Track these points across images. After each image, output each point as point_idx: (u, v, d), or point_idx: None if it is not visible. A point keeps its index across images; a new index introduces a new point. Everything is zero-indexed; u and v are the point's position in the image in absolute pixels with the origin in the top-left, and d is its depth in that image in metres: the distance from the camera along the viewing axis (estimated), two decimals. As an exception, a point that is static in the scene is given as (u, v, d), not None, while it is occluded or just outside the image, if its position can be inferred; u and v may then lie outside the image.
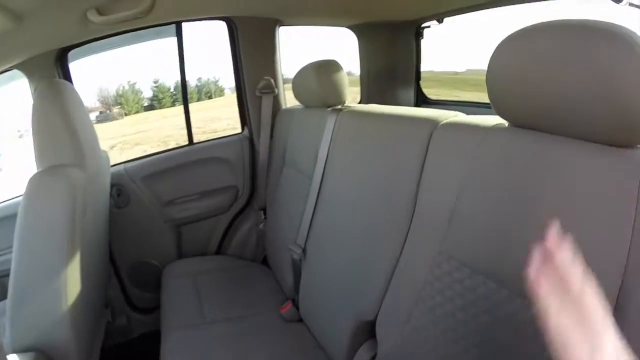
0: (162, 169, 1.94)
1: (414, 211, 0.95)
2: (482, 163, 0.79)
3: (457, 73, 2.97)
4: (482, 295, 0.75)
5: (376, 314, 1.03)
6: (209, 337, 1.39)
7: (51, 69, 1.66)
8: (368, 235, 1.10)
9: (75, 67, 1.77)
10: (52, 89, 1.21)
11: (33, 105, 1.18)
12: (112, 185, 1.80)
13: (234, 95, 2.11)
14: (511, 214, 0.72)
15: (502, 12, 1.90)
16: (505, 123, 0.82)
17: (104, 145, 1.66)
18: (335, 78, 1.46)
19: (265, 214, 2.00)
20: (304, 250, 1.42)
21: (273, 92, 1.97)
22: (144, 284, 2.00)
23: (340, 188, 1.28)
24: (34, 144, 1.18)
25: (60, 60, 1.70)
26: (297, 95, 1.69)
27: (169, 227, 1.98)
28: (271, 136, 1.99)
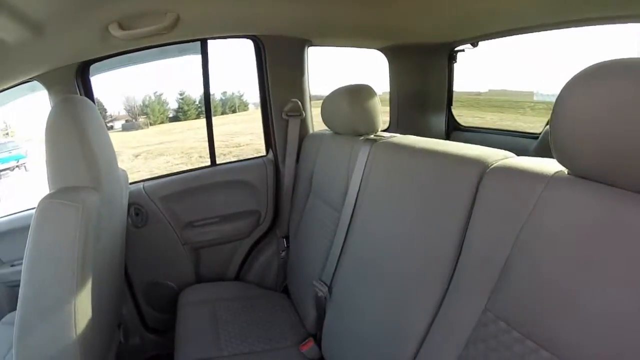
0: (182, 189, 1.89)
1: (457, 259, 0.86)
2: (544, 217, 0.69)
3: (479, 94, 2.88)
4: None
5: None
6: None
7: (71, 83, 1.63)
8: (404, 279, 1.00)
9: (101, 76, 1.74)
10: (69, 105, 1.14)
11: (47, 121, 1.12)
12: (130, 205, 1.75)
13: (258, 111, 2.06)
14: (575, 279, 0.63)
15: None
16: (564, 170, 0.72)
17: (128, 153, 1.63)
18: (369, 105, 1.38)
19: (287, 242, 1.92)
20: (329, 288, 1.33)
21: (300, 115, 1.91)
22: (159, 305, 1.94)
23: (373, 226, 1.18)
24: (46, 162, 1.12)
25: (82, 74, 1.68)
26: (326, 121, 1.61)
27: (187, 250, 1.92)
28: (297, 160, 1.92)
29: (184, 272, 1.93)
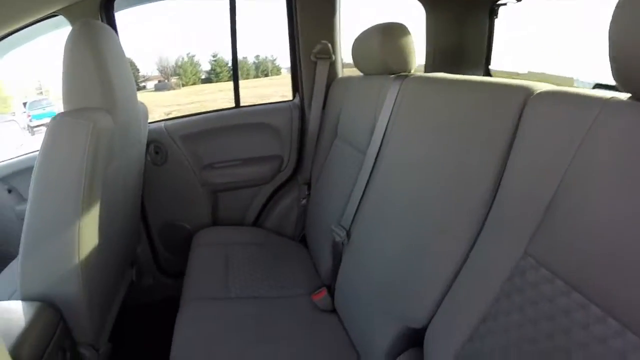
0: (204, 129, 1.83)
1: (494, 198, 0.74)
2: (599, 146, 0.58)
3: (518, 74, 2.67)
4: (578, 321, 0.54)
5: (427, 322, 0.84)
6: (230, 313, 1.26)
7: (95, 17, 1.57)
8: (430, 224, 0.89)
9: (137, 36, 1.69)
10: (89, 28, 1.10)
11: (66, 42, 1.08)
12: (150, 142, 1.71)
13: (289, 75, 1.98)
14: (635, 220, 0.52)
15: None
16: (624, 96, 0.60)
17: (159, 111, 1.59)
18: (403, 42, 1.25)
19: (309, 189, 1.84)
20: (348, 233, 1.25)
21: (330, 57, 1.80)
22: (173, 247, 1.93)
23: (400, 165, 1.08)
24: (62, 85, 1.09)
25: (106, 8, 1.61)
26: (356, 61, 1.50)
27: (206, 192, 1.88)
28: (324, 106, 1.82)
29: (201, 214, 1.89)
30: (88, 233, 1.12)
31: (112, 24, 1.65)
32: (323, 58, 1.79)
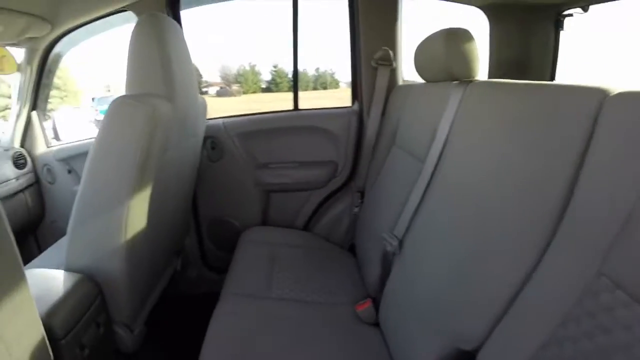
0: (261, 129, 1.85)
1: (564, 211, 0.66)
2: None
3: None
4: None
5: (480, 344, 0.76)
6: (269, 312, 1.24)
7: (161, 12, 1.62)
8: (490, 238, 0.82)
9: (201, 43, 1.75)
10: (154, 20, 1.15)
11: (132, 33, 1.14)
12: (207, 137, 1.74)
13: (348, 89, 1.97)
14: None
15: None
16: None
17: (216, 115, 1.64)
18: (467, 48, 1.18)
19: (362, 197, 1.80)
20: (400, 243, 1.19)
21: (390, 64, 1.76)
22: (221, 243, 1.95)
23: (460, 175, 1.01)
24: (126, 72, 1.15)
25: (172, 4, 1.67)
26: (418, 68, 1.45)
27: (258, 191, 1.88)
28: (383, 113, 1.78)
29: (251, 213, 1.90)
30: (137, 215, 1.14)
31: (177, 20, 1.70)
32: (384, 65, 1.76)
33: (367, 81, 1.82)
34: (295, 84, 1.93)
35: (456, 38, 1.20)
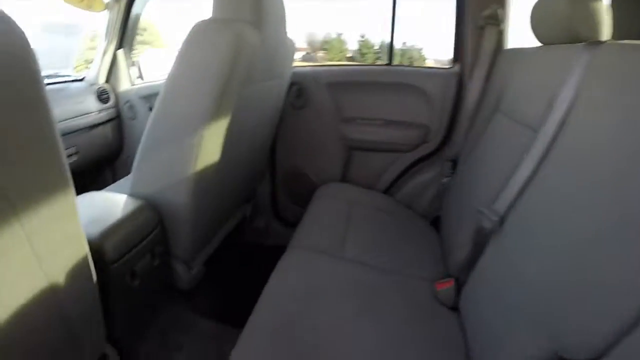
0: (351, 80, 1.71)
1: None
2: None
3: None
4: None
5: (595, 357, 0.59)
6: (338, 273, 1.12)
7: None
8: (624, 225, 0.61)
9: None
10: None
11: None
12: (293, 83, 1.65)
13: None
14: None
15: None
16: None
17: None
18: (594, 6, 0.98)
19: (454, 167, 1.61)
20: (501, 220, 1.00)
21: (498, 24, 1.52)
22: (295, 196, 1.87)
23: (584, 152, 0.79)
24: None
25: None
26: (535, 28, 1.22)
27: (341, 146, 1.76)
28: (486, 76, 1.56)
29: (331, 168, 1.79)
30: (209, 148, 1.07)
31: None
32: (491, 24, 1.53)
33: (472, 41, 1.61)
34: (392, 36, 1.76)
35: None
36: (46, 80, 1.78)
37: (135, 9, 1.91)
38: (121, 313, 1.06)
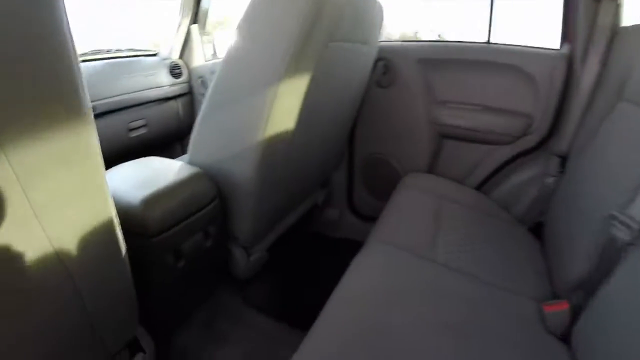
0: (444, 58, 1.50)
1: None
2: None
3: None
4: None
5: None
6: (425, 278, 0.93)
7: None
8: None
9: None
10: None
11: None
12: (379, 58, 1.47)
13: None
14: None
15: None
16: None
17: None
18: None
19: (562, 165, 1.35)
20: None
21: None
22: (374, 185, 1.70)
23: None
24: None
25: None
26: None
27: (431, 132, 1.55)
28: (603, 60, 1.29)
29: (417, 156, 1.59)
30: (281, 115, 0.93)
31: None
32: None
33: (585, 17, 1.33)
34: (491, 9, 1.54)
35: None
36: (118, 54, 1.82)
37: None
38: (159, 296, 0.95)
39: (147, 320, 0.92)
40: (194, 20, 1.96)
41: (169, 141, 2.04)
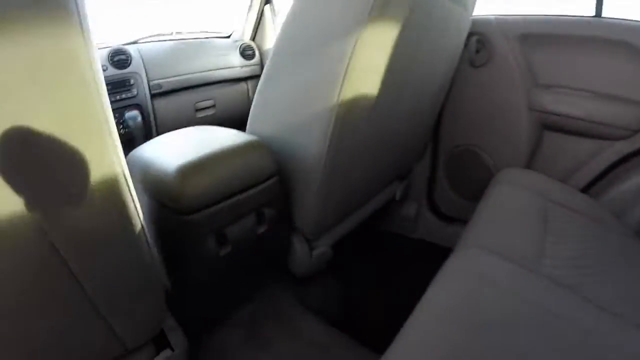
0: (550, 33, 1.27)
1: None
2: None
3: None
4: None
5: None
6: (532, 296, 0.73)
7: None
8: None
9: None
10: None
11: None
12: (472, 33, 1.28)
13: None
14: None
15: None
16: None
17: None
18: None
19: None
20: None
21: None
22: (460, 181, 1.48)
23: None
24: None
25: None
26: None
27: (531, 121, 1.32)
28: None
29: (514, 149, 1.36)
30: (358, 79, 0.78)
31: None
32: None
33: None
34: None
35: None
36: (189, 35, 1.83)
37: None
38: (196, 288, 0.82)
39: (181, 314, 0.80)
40: (267, 0, 1.88)
41: (237, 124, 1.97)
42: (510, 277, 0.77)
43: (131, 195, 0.51)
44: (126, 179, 0.49)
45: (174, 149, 0.79)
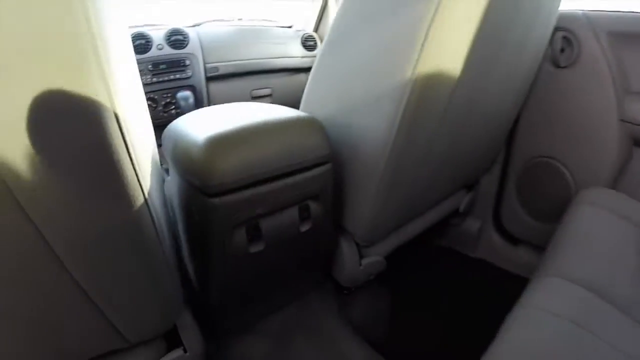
0: None
1: None
2: None
3: None
4: None
5: None
6: (619, 343, 0.59)
7: None
8: None
9: None
10: None
11: None
12: (557, 29, 1.13)
13: None
14: None
15: None
16: None
17: None
18: None
19: None
20: None
21: None
22: (531, 200, 1.30)
23: None
24: None
25: None
26: None
27: (620, 133, 1.13)
28: None
29: (599, 166, 1.17)
30: (439, 52, 0.64)
31: None
32: None
33: None
34: None
35: None
36: (250, 23, 1.83)
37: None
38: (220, 286, 0.71)
39: (202, 313, 0.69)
40: (332, -11, 1.83)
41: None
42: (604, 318, 0.64)
43: (139, 180, 0.41)
44: (130, 157, 0.39)
45: (211, 120, 0.68)
